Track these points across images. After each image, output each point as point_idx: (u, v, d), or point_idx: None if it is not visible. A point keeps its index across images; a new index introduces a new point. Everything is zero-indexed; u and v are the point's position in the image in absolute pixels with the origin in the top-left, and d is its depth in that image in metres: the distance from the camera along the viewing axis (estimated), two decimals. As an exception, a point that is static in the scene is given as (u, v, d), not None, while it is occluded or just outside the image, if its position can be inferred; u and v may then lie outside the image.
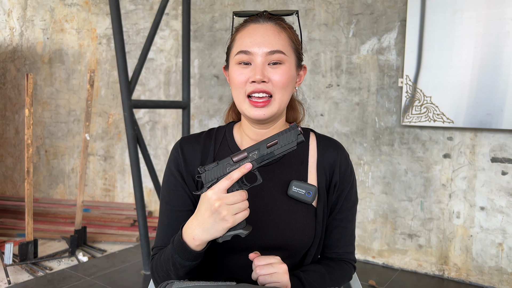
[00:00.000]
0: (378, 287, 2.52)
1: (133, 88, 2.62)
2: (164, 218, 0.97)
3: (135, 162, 2.57)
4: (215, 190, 0.78)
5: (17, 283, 2.46)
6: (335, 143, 1.01)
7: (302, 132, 0.81)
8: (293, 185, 0.93)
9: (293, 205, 0.94)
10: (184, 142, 0.99)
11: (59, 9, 4.01)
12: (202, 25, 3.48)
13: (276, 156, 0.81)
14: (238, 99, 0.91)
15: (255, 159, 0.81)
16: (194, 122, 3.57)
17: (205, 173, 0.82)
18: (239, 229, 0.80)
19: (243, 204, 0.78)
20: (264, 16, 0.91)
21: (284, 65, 0.89)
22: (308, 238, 0.94)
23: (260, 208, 0.93)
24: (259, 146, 0.81)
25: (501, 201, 2.46)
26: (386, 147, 2.79)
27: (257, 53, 0.87)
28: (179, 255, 0.83)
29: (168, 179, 0.97)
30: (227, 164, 0.81)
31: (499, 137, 2.45)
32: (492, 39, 2.38)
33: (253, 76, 0.87)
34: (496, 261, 2.49)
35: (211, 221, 0.78)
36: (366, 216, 2.87)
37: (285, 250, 0.93)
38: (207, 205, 0.78)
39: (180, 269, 0.84)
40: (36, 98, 4.11)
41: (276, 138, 0.81)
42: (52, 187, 4.13)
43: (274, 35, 0.89)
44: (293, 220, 0.93)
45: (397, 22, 2.70)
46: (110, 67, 3.88)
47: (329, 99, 2.96)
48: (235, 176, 0.78)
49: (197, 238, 0.80)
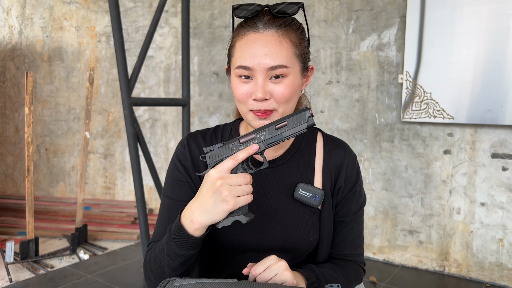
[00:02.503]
0: (379, 283, 2.53)
1: (132, 86, 2.61)
2: (164, 211, 0.95)
3: (135, 160, 2.57)
4: (218, 169, 0.75)
5: (19, 281, 2.47)
6: (343, 144, 1.00)
7: (313, 115, 0.77)
8: (300, 188, 0.92)
9: (298, 208, 0.93)
10: (191, 138, 0.98)
11: (58, 7, 4.00)
12: (202, 22, 3.48)
13: (284, 138, 0.78)
14: (242, 111, 0.88)
15: (262, 140, 0.78)
16: (194, 119, 3.57)
17: (210, 153, 0.80)
18: (240, 215, 0.77)
19: (246, 187, 0.75)
20: (265, 21, 0.84)
21: (287, 78, 0.84)
22: (313, 241, 0.94)
23: (266, 210, 0.92)
24: (267, 127, 0.78)
25: (502, 197, 2.46)
26: (386, 143, 2.79)
27: (257, 69, 0.82)
28: (175, 242, 0.79)
29: (172, 173, 0.96)
30: (233, 145, 0.78)
31: (499, 133, 2.45)
32: (492, 35, 2.37)
33: (254, 94, 0.83)
34: (497, 256, 2.50)
35: (212, 201, 0.75)
36: (366, 213, 2.87)
37: (289, 252, 0.93)
38: (209, 184, 0.75)
39: (175, 259, 0.81)
40: (35, 96, 4.10)
41: (286, 119, 0.78)
42: (53, 185, 4.14)
43: (275, 47, 0.82)
44: (298, 223, 0.92)
45: (397, 18, 2.69)
46: (110, 65, 3.87)
47: (329, 96, 2.96)
48: (241, 156, 0.76)
49: (195, 221, 0.77)
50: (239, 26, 0.88)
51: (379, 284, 2.51)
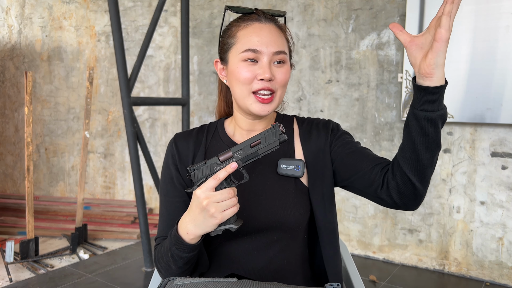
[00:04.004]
0: (379, 282, 2.53)
1: (132, 85, 2.61)
2: (163, 209, 1.02)
3: (135, 159, 2.57)
4: (203, 189, 0.82)
5: (19, 280, 2.47)
6: (316, 119, 1.05)
7: (284, 132, 0.83)
8: (281, 163, 0.98)
9: (283, 183, 0.97)
10: (178, 138, 1.05)
11: (57, 6, 4.00)
12: (201, 21, 3.47)
13: (260, 155, 0.84)
14: (242, 95, 0.95)
15: (240, 158, 0.85)
16: (193, 119, 3.57)
17: (194, 172, 0.87)
18: (229, 224, 0.84)
19: (230, 201, 0.81)
20: (265, 16, 0.96)
21: (286, 64, 0.96)
22: (301, 215, 0.96)
23: (252, 189, 0.96)
24: (243, 146, 0.85)
25: (501, 196, 2.46)
26: (386, 142, 2.79)
27: (264, 52, 0.92)
28: (176, 248, 0.87)
29: (165, 172, 1.04)
30: (214, 164, 0.86)
31: (499, 132, 2.45)
32: (491, 34, 2.37)
33: (261, 74, 0.92)
34: (497, 255, 2.50)
35: (201, 217, 0.82)
36: (366, 212, 2.88)
37: (279, 229, 0.95)
38: (197, 203, 0.82)
39: (179, 260, 0.89)
40: (35, 96, 4.10)
41: (259, 138, 0.84)
42: (53, 185, 4.14)
43: (277, 36, 0.95)
44: (284, 198, 0.96)
45: (396, 17, 2.69)
46: (109, 64, 3.87)
47: (328, 95, 2.96)
48: (221, 175, 0.82)
49: (190, 233, 0.85)
50: (239, 19, 0.98)
51: (379, 283, 2.51)
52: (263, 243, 0.95)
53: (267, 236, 0.95)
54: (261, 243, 0.95)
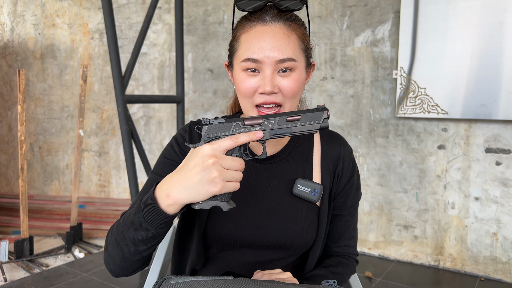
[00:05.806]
0: (374, 278, 2.54)
1: (126, 83, 2.60)
2: (149, 186, 0.89)
3: (130, 157, 2.56)
4: (214, 146, 0.69)
5: (13, 280, 2.45)
6: (339, 137, 0.99)
7: (329, 117, 0.73)
8: (299, 184, 0.90)
9: (297, 204, 0.92)
10: (193, 126, 0.96)
11: (50, 3, 3.96)
12: (195, 18, 3.46)
13: (292, 133, 0.72)
14: (246, 108, 0.85)
15: (269, 128, 0.72)
16: (188, 116, 3.56)
17: (208, 127, 0.73)
18: (222, 201, 0.70)
19: (237, 174, 0.69)
20: (272, 14, 0.83)
21: (294, 72, 0.83)
22: (310, 237, 0.93)
23: (264, 206, 0.91)
24: (278, 117, 0.72)
25: (496, 191, 2.48)
26: (381, 139, 2.79)
27: (266, 62, 0.80)
28: (143, 215, 0.72)
29: (167, 153, 0.93)
30: (235, 125, 0.72)
31: (493, 128, 2.46)
32: (486, 30, 2.38)
33: (262, 87, 0.80)
34: (491, 250, 2.52)
35: (197, 179, 0.68)
36: (361, 208, 2.88)
37: (287, 249, 0.92)
38: (199, 159, 0.68)
39: (139, 232, 0.73)
40: (28, 94, 4.07)
41: (300, 114, 0.72)
42: (47, 183, 4.11)
43: (283, 40, 0.81)
44: (297, 220, 0.91)
45: (391, 13, 2.69)
46: (103, 62, 3.85)
47: (323, 92, 2.96)
48: (242, 139, 0.70)
49: (172, 196, 0.70)
50: (244, 19, 0.86)
51: (374, 279, 2.52)
52: (267, 259, 0.92)
53: (273, 254, 0.92)
54: (265, 259, 0.92)
